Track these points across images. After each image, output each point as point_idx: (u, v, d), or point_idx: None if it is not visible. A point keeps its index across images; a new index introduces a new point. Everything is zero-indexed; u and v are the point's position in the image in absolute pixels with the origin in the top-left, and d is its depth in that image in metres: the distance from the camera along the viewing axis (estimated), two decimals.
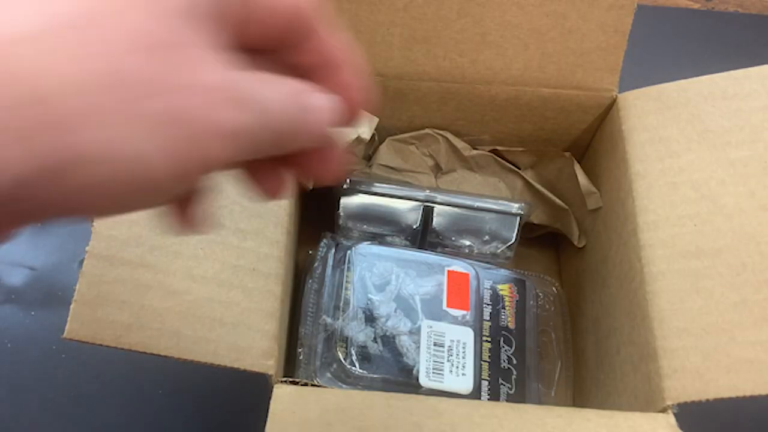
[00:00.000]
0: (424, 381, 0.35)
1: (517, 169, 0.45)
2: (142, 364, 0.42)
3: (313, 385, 0.28)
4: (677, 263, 0.32)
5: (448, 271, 0.39)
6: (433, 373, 0.35)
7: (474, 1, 0.36)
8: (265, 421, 0.26)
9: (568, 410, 0.28)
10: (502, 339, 0.38)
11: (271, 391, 0.27)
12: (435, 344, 0.36)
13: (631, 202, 0.35)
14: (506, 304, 0.39)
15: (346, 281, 0.37)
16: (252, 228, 0.32)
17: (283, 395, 0.27)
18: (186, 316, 0.29)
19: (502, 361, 0.37)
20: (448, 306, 0.38)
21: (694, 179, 0.34)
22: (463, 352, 0.36)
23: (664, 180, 0.34)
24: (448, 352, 0.36)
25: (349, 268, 0.38)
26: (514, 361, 0.38)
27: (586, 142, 0.43)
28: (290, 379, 0.28)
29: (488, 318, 0.38)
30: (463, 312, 0.38)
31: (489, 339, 0.38)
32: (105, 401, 0.42)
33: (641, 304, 0.33)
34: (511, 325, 0.39)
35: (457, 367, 0.36)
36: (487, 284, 0.40)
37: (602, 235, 0.40)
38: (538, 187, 0.44)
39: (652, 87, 0.37)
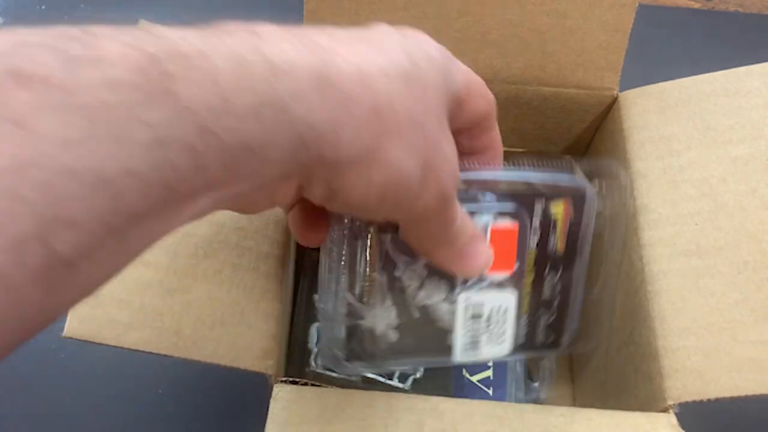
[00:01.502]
0: (460, 358, 0.32)
1: None
2: (142, 363, 0.42)
3: (312, 385, 0.28)
4: (678, 262, 0.32)
5: (492, 230, 0.33)
6: (470, 348, 0.33)
7: (474, 0, 0.36)
8: (265, 421, 0.26)
9: (570, 410, 0.28)
10: (548, 266, 0.33)
11: (271, 391, 0.27)
12: (473, 316, 0.32)
13: (632, 200, 0.35)
14: (558, 225, 0.33)
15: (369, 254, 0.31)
16: (252, 227, 0.32)
17: (282, 395, 0.27)
18: (186, 315, 0.29)
19: (544, 292, 0.34)
20: (488, 272, 0.32)
21: (695, 177, 0.34)
22: (504, 318, 0.33)
23: (665, 178, 0.34)
24: (486, 323, 0.33)
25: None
26: (558, 288, 0.34)
27: (586, 141, 0.43)
28: (290, 379, 0.28)
29: (534, 246, 0.33)
30: (506, 275, 0.33)
31: (533, 269, 0.33)
32: (104, 400, 0.42)
33: (642, 304, 0.33)
34: (560, 249, 0.34)
35: (496, 336, 0.33)
36: (539, 207, 0.33)
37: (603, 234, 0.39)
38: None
39: (652, 85, 0.37)
